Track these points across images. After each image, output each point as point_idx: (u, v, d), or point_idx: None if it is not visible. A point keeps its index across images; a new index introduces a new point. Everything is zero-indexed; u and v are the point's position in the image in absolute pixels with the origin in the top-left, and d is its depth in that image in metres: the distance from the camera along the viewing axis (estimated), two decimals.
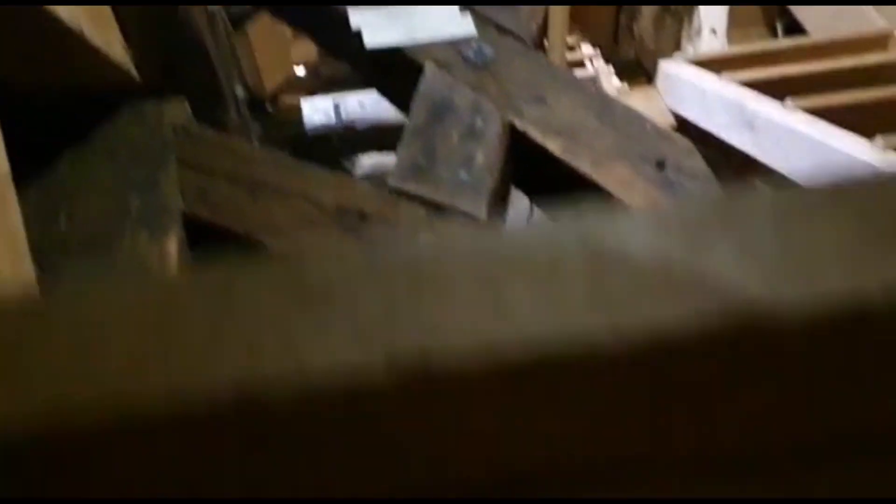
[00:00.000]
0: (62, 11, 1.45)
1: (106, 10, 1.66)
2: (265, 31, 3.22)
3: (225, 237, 1.71)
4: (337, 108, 3.63)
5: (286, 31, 3.35)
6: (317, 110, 3.55)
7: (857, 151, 1.32)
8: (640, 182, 1.85)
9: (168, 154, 1.76)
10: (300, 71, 3.72)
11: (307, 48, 4.09)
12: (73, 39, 1.50)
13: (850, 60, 1.77)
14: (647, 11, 3.69)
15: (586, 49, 3.81)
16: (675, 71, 1.88)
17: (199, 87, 1.86)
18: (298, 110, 3.37)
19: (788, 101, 1.55)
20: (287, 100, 3.46)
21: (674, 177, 1.87)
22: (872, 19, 1.98)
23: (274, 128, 3.05)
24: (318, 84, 3.94)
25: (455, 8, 2.20)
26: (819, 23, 2.22)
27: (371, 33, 2.11)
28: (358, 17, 2.14)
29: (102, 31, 1.63)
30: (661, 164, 1.88)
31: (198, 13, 1.85)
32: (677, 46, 3.47)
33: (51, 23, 1.43)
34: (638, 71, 3.78)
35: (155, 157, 1.74)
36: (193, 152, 1.78)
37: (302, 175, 1.88)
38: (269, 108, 3.24)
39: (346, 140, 3.48)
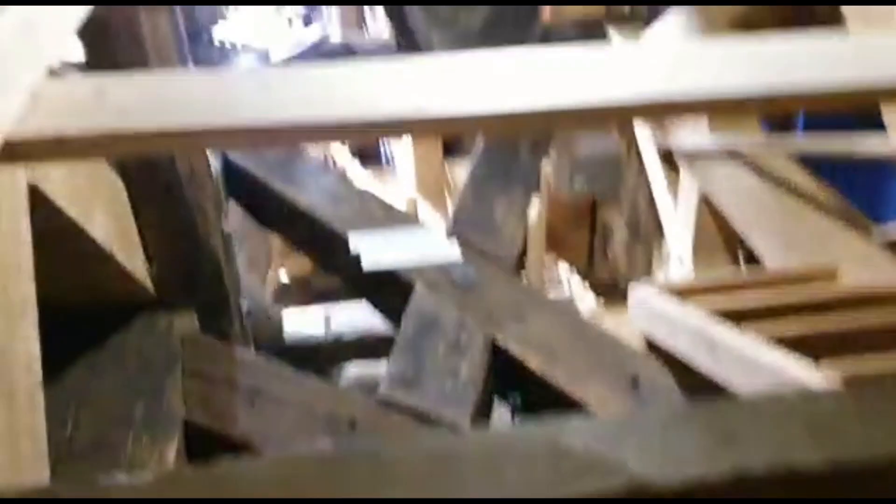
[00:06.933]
0: (98, 232, 1.63)
1: (133, 231, 1.85)
2: (258, 245, 3.44)
3: (223, 443, 1.80)
4: (327, 319, 3.79)
5: (277, 245, 3.57)
6: (308, 321, 3.71)
7: (804, 375, 1.46)
8: (614, 398, 1.98)
9: (175, 364, 1.88)
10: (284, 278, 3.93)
11: (299, 262, 4.32)
12: (103, 259, 1.66)
13: (802, 292, 1.96)
14: (620, 237, 3.99)
15: (563, 271, 4.06)
16: (644, 297, 2.07)
17: (210, 301, 2.02)
18: (291, 320, 3.53)
19: (746, 328, 1.72)
20: (280, 310, 3.62)
21: (647, 394, 2.00)
22: (824, 256, 2.20)
23: (268, 336, 3.19)
24: (310, 296, 4.13)
25: (443, 234, 2.43)
26: (774, 254, 2.46)
27: (368, 256, 2.31)
28: (356, 240, 2.36)
29: (129, 251, 1.80)
30: (634, 382, 2.02)
31: (214, 232, 2.04)
32: (648, 269, 3.72)
33: (87, 243, 1.60)
34: (613, 291, 4.00)
35: (162, 366, 1.86)
36: (199, 362, 1.91)
37: (298, 385, 1.99)
38: (265, 318, 3.38)
39: (335, 349, 3.61)
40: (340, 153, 5.01)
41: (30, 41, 0.77)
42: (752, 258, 2.81)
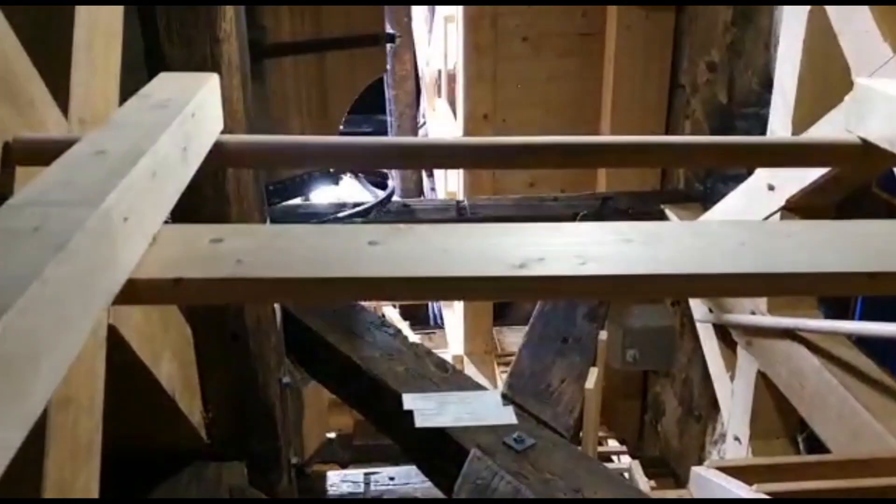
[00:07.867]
0: (163, 375, 1.64)
1: (195, 378, 1.86)
2: (308, 401, 3.42)
3: None
4: (367, 479, 3.70)
5: (325, 400, 3.54)
6: (348, 480, 3.63)
7: None
8: None
9: None
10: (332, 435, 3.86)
11: (342, 418, 4.27)
12: (164, 402, 1.67)
13: (871, 481, 1.88)
14: (672, 413, 3.89)
15: (614, 444, 3.95)
16: (706, 476, 1.99)
17: (261, 453, 2.00)
18: (332, 478, 3.45)
19: None
20: (320, 467, 3.56)
21: None
22: (890, 443, 2.12)
23: (308, 492, 3.11)
24: (350, 454, 4.05)
25: (499, 398, 2.40)
26: (837, 437, 2.38)
27: (422, 414, 2.28)
28: (411, 400, 2.34)
29: (189, 397, 1.81)
30: None
31: (272, 383, 2.04)
32: (701, 448, 3.61)
33: (151, 385, 1.62)
34: (662, 468, 3.87)
35: None
36: None
37: None
38: (307, 474, 3.32)
39: None
40: (391, 314, 5.06)
41: (153, 191, 0.82)
42: (812, 438, 2.72)
